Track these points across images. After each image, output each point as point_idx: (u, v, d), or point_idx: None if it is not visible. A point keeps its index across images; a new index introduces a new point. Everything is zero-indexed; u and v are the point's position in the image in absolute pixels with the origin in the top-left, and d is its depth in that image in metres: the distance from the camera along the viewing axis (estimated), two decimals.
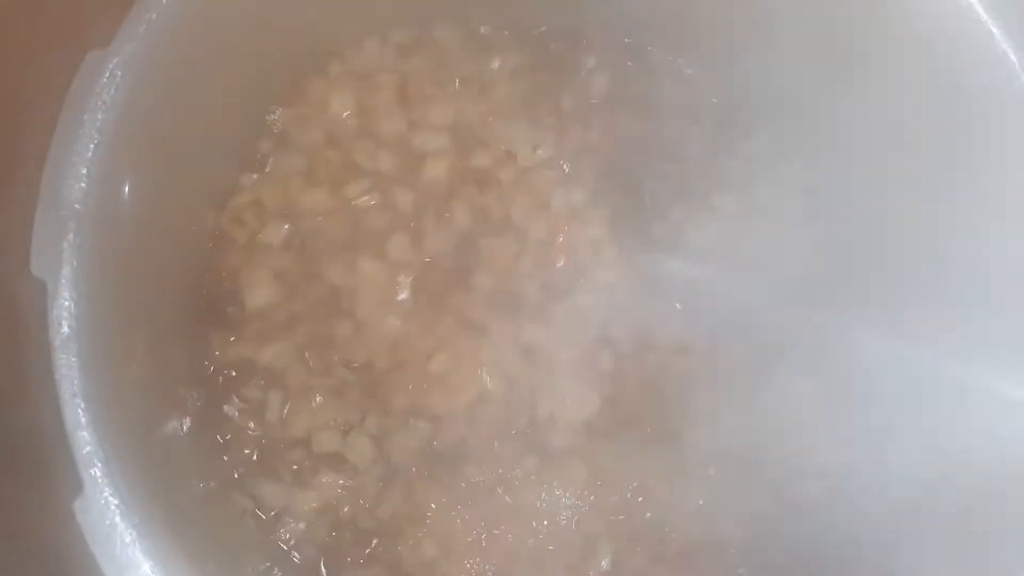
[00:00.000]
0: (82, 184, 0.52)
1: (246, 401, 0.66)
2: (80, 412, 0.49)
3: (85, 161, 0.52)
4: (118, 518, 0.48)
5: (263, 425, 0.65)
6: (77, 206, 0.52)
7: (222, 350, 0.67)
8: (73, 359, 0.50)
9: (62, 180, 0.52)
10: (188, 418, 0.64)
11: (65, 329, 0.50)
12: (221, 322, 0.67)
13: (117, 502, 0.48)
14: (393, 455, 0.66)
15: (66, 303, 0.50)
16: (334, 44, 0.72)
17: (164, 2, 0.56)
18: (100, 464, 0.48)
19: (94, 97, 0.53)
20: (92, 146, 0.53)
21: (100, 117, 0.53)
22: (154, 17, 0.56)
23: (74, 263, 0.51)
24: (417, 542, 0.65)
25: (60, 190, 0.51)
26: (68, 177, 0.52)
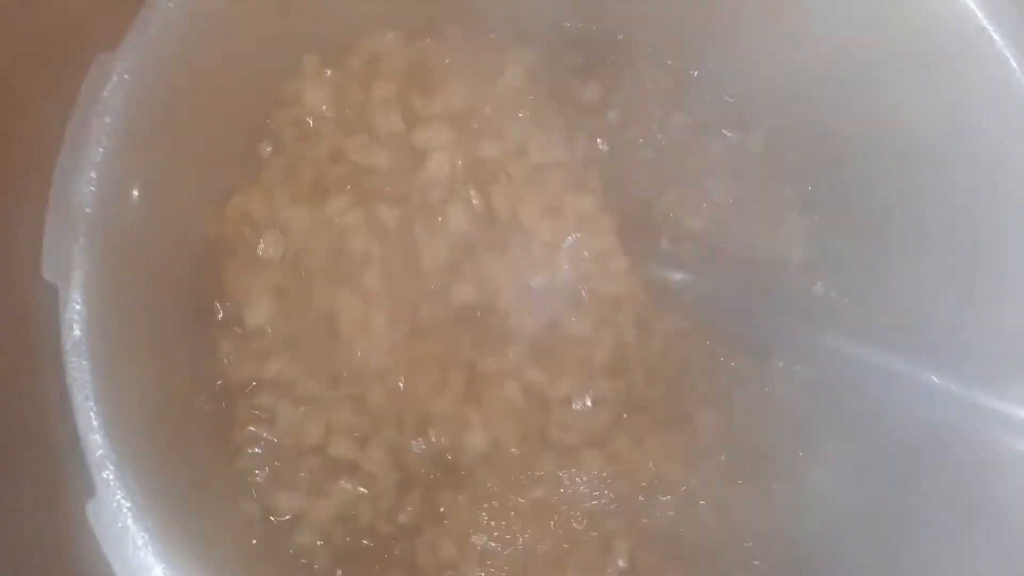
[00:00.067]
0: (92, 188, 0.52)
1: (258, 408, 0.65)
2: (92, 415, 0.49)
3: (94, 165, 0.52)
4: (130, 521, 0.48)
5: (276, 431, 0.65)
6: (87, 210, 0.52)
7: (233, 355, 0.66)
8: (85, 362, 0.50)
9: (72, 184, 0.52)
10: (200, 422, 0.63)
11: (77, 332, 0.50)
12: (231, 326, 0.67)
13: (129, 505, 0.48)
14: (410, 464, 0.65)
15: (77, 307, 0.50)
16: (340, 44, 0.72)
17: (171, 5, 0.56)
18: (112, 467, 0.48)
19: (102, 101, 0.53)
20: (101, 150, 0.53)
21: (109, 121, 0.53)
22: (162, 20, 0.56)
23: (85, 267, 0.51)
24: (435, 545, 0.64)
25: (70, 194, 0.52)
26: (78, 181, 0.52)
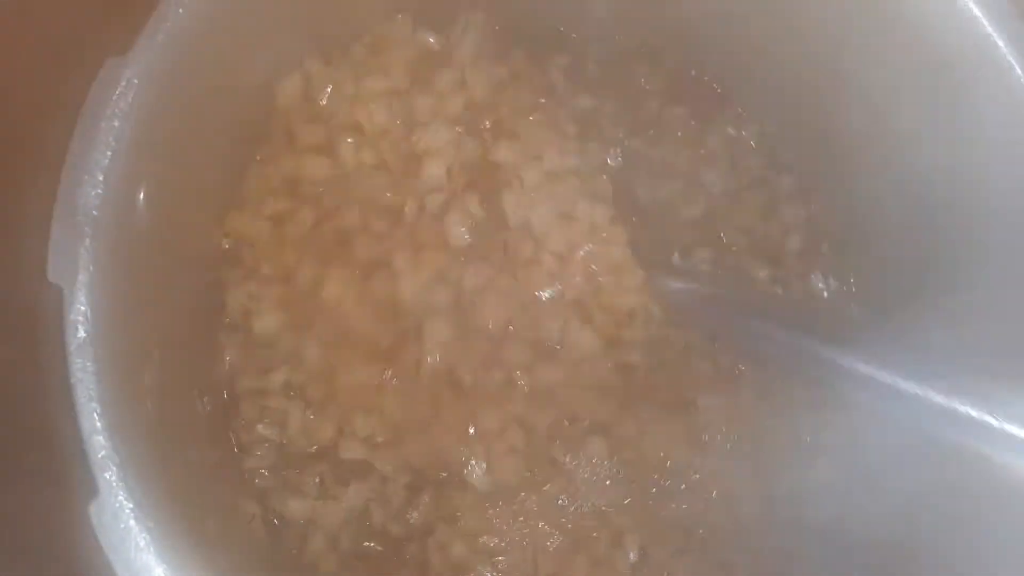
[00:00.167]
0: (98, 191, 0.52)
1: (264, 409, 0.66)
2: (96, 416, 0.49)
3: (102, 168, 0.53)
4: (133, 522, 0.48)
5: (281, 433, 0.65)
6: (94, 212, 0.52)
7: (237, 356, 0.67)
8: (89, 364, 0.50)
9: (79, 186, 0.52)
10: (204, 424, 0.64)
11: (81, 334, 0.50)
12: (237, 329, 0.67)
13: (132, 506, 0.48)
14: (421, 466, 0.66)
15: (82, 308, 0.51)
16: (347, 44, 0.72)
17: (180, 11, 0.57)
18: (115, 468, 0.48)
19: (111, 105, 0.54)
20: (109, 153, 0.53)
21: (117, 124, 0.54)
22: (171, 25, 0.56)
23: (90, 269, 0.51)
24: (447, 544, 0.64)
25: (77, 196, 0.52)
26: (85, 184, 0.52)
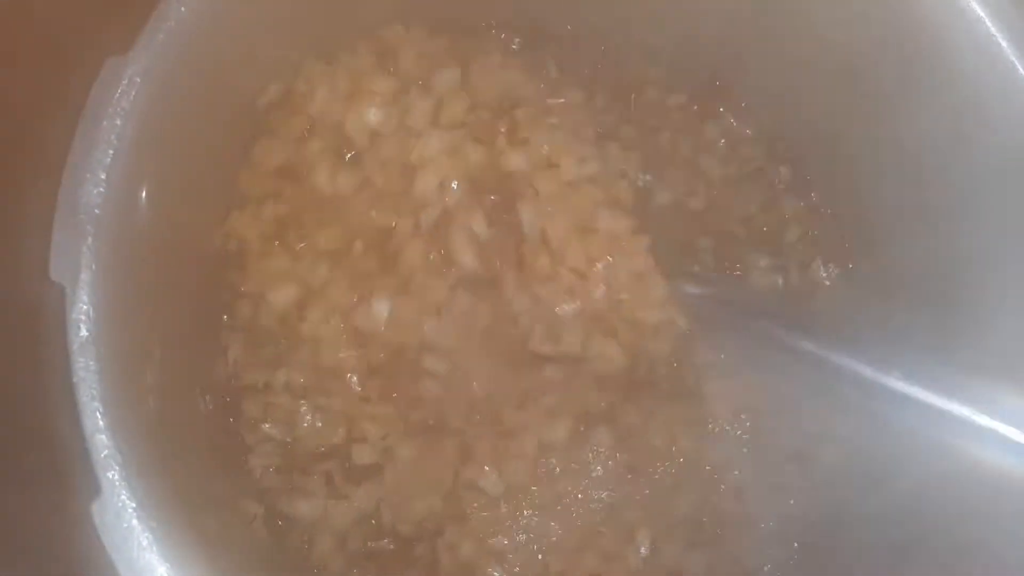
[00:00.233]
0: (100, 189, 0.53)
1: (266, 408, 0.65)
2: (98, 416, 0.49)
3: (103, 167, 0.53)
4: (135, 521, 0.48)
5: (285, 432, 0.65)
6: (96, 211, 0.52)
7: (241, 356, 0.66)
8: (91, 363, 0.50)
9: (80, 186, 0.52)
10: (207, 423, 0.64)
11: (84, 333, 0.50)
12: (240, 328, 0.67)
13: (134, 505, 0.48)
14: (429, 465, 0.65)
15: (84, 307, 0.51)
16: (347, 44, 0.72)
17: (183, 10, 0.57)
18: (118, 467, 0.49)
19: (112, 104, 0.54)
20: (111, 152, 0.53)
21: (118, 123, 0.54)
22: (172, 25, 0.56)
23: (92, 268, 0.51)
24: (456, 543, 0.64)
25: (78, 196, 0.52)
26: (86, 183, 0.52)
